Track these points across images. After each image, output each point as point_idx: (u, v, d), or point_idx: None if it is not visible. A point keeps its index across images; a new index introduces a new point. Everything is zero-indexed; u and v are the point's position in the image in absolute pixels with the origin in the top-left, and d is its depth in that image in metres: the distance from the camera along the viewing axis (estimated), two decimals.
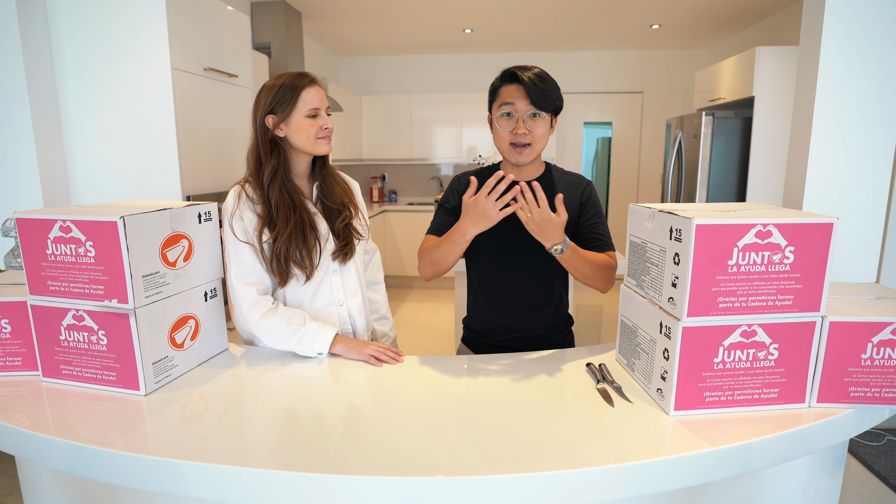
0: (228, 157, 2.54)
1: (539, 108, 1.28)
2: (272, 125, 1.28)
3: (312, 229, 1.32)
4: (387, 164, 5.81)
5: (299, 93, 1.27)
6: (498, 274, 1.41)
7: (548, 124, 1.31)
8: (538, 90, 1.27)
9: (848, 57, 1.45)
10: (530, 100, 1.27)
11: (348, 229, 1.38)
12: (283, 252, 1.27)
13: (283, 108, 1.27)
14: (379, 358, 1.24)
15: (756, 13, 4.03)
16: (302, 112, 1.27)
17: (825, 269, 0.94)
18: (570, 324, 1.51)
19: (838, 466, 1.26)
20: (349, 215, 1.39)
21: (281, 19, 3.64)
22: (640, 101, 5.57)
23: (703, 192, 3.52)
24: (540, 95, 1.27)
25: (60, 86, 2.11)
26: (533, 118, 1.29)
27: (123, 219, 1.00)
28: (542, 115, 1.29)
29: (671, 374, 0.97)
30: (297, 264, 1.30)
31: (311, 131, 1.28)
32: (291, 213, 1.28)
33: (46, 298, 1.08)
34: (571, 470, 0.82)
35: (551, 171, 1.42)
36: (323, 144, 1.31)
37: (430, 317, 4.47)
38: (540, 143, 1.31)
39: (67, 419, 0.98)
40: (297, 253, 1.29)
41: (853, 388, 0.99)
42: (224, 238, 1.29)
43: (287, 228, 1.27)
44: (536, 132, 1.30)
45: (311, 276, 1.32)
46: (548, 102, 1.28)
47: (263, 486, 0.83)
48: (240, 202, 1.29)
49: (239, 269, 1.28)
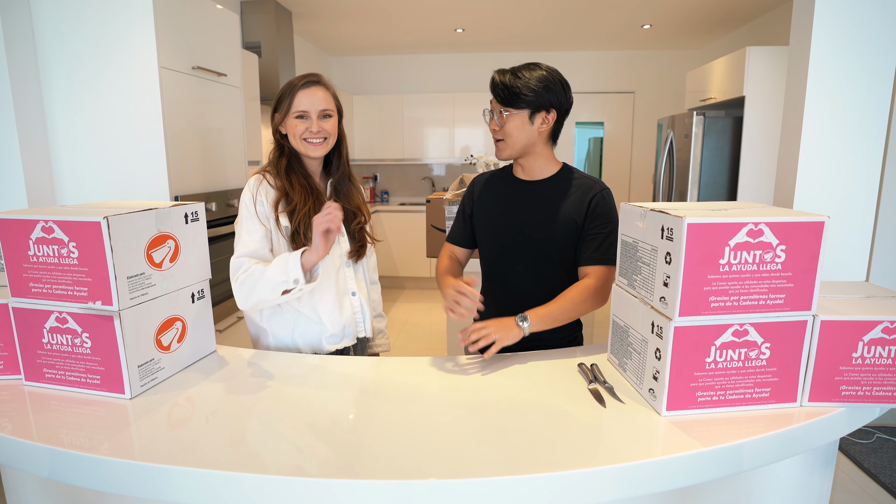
0: (218, 157, 2.52)
1: (505, 105, 1.29)
2: (276, 122, 1.35)
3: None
4: (378, 165, 5.79)
5: (292, 93, 1.31)
6: (502, 277, 1.41)
7: (520, 120, 1.30)
8: (503, 88, 1.28)
9: (838, 56, 1.46)
10: (497, 98, 1.31)
11: (363, 232, 1.44)
12: (303, 228, 1.30)
13: (280, 107, 1.33)
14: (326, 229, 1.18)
15: (746, 14, 4.06)
16: (291, 113, 1.32)
17: (816, 267, 0.94)
18: (579, 328, 1.47)
19: (829, 464, 1.26)
20: (364, 220, 1.44)
21: (271, 18, 3.61)
22: (632, 101, 5.59)
23: (695, 191, 3.53)
24: (504, 94, 1.28)
25: (45, 84, 2.08)
26: (502, 115, 1.31)
27: (107, 219, 0.98)
28: (511, 112, 1.29)
29: (663, 374, 0.97)
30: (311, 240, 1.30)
31: (296, 132, 1.32)
32: (309, 194, 1.33)
33: (28, 300, 1.06)
34: (563, 472, 0.81)
35: (564, 172, 1.38)
36: (309, 147, 1.33)
37: (423, 317, 4.45)
38: (511, 138, 1.31)
39: (50, 424, 0.96)
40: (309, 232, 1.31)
41: (844, 387, 0.99)
42: (238, 218, 1.33)
43: (305, 205, 1.30)
44: (506, 128, 1.31)
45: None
46: (514, 100, 1.28)
47: (252, 490, 0.81)
48: (261, 186, 1.33)
49: (244, 249, 1.29)
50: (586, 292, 1.28)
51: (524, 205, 1.37)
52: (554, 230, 1.33)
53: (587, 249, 1.32)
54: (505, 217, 1.39)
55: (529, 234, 1.35)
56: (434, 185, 5.87)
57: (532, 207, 1.36)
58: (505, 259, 1.39)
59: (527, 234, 1.35)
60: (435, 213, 3.01)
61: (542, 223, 1.34)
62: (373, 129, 5.51)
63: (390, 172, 5.91)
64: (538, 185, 1.37)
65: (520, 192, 1.38)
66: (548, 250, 1.34)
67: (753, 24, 4.26)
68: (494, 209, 1.41)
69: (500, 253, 1.39)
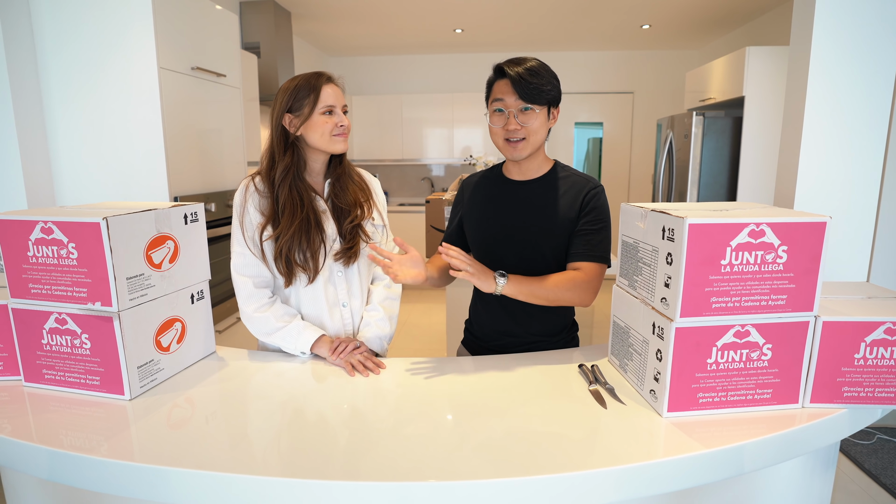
0: (217, 157, 2.51)
1: (529, 102, 1.23)
2: (289, 124, 1.29)
3: (318, 230, 1.31)
4: (378, 165, 5.79)
5: (316, 91, 1.27)
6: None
7: (543, 116, 1.26)
8: (526, 84, 1.22)
9: (838, 56, 1.46)
10: (518, 95, 1.23)
11: (356, 231, 1.36)
12: (286, 252, 1.27)
13: (300, 106, 1.28)
14: (356, 367, 1.21)
15: (746, 13, 4.06)
16: (318, 110, 1.27)
17: (818, 268, 0.94)
18: (575, 329, 1.46)
19: (830, 466, 1.26)
20: (360, 216, 1.36)
21: (270, 19, 3.61)
22: (631, 102, 5.59)
23: (694, 191, 3.53)
24: (528, 89, 1.22)
25: (44, 84, 2.08)
26: (524, 112, 1.24)
27: (107, 220, 0.98)
28: (533, 109, 1.24)
29: (664, 376, 0.96)
30: (300, 266, 1.29)
31: (325, 128, 1.28)
32: (298, 212, 1.29)
33: (28, 301, 1.06)
34: (564, 474, 0.81)
35: (556, 170, 1.35)
36: (338, 142, 1.30)
37: (422, 318, 4.45)
38: (535, 136, 1.26)
39: (50, 425, 0.96)
40: (299, 254, 1.28)
41: (846, 388, 0.99)
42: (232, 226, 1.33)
43: (290, 228, 1.27)
44: (530, 126, 1.25)
45: (314, 278, 1.31)
46: (539, 95, 1.23)
47: (252, 492, 0.81)
48: (247, 194, 1.31)
49: (239, 260, 1.30)
50: (571, 281, 1.25)
51: (517, 206, 1.34)
52: (548, 230, 1.31)
53: (578, 245, 1.29)
54: (497, 220, 1.35)
55: (523, 235, 1.32)
56: (433, 186, 5.87)
57: (525, 209, 1.33)
58: (499, 261, 1.36)
59: (520, 236, 1.32)
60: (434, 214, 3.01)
61: (536, 224, 1.31)
62: (372, 129, 5.51)
63: (389, 173, 5.91)
64: (531, 185, 1.34)
65: (512, 194, 1.35)
66: (542, 251, 1.31)
67: (753, 24, 4.26)
68: (486, 212, 1.38)
69: (493, 255, 1.36)
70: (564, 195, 1.31)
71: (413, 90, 5.68)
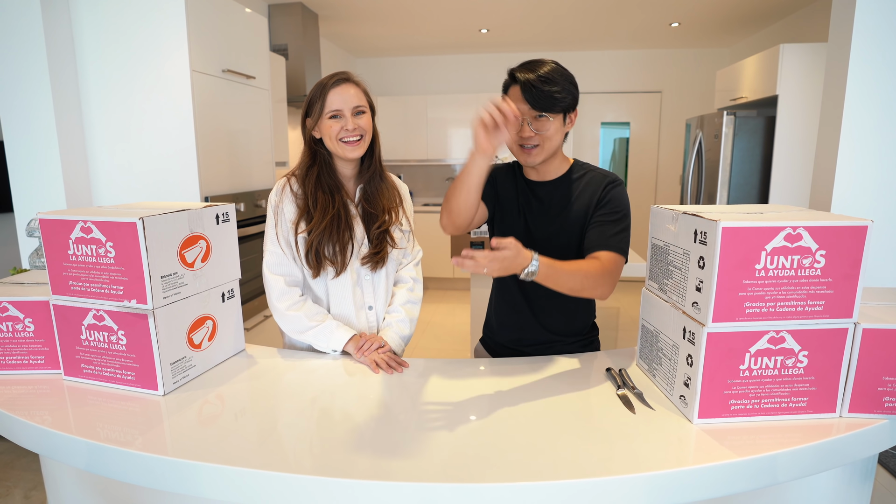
0: (246, 159, 2.56)
1: (541, 111, 1.20)
2: (309, 127, 1.31)
3: (348, 228, 1.33)
4: (402, 165, 5.81)
5: (323, 95, 1.27)
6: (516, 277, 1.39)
7: (557, 123, 1.23)
8: (538, 92, 1.18)
9: (880, 53, 1.40)
10: (530, 104, 1.20)
11: (383, 237, 1.36)
12: (316, 245, 1.29)
13: (312, 110, 1.29)
14: (380, 365, 1.23)
15: (779, 10, 3.95)
16: (325, 114, 1.27)
17: (858, 273, 0.91)
18: (595, 332, 1.44)
19: (868, 478, 1.22)
20: (388, 221, 1.36)
21: (298, 21, 3.66)
22: (659, 101, 5.49)
23: (724, 193, 3.45)
24: (540, 98, 1.19)
25: (83, 88, 2.15)
26: (538, 119, 1.22)
27: (143, 220, 1.01)
28: (547, 117, 1.21)
29: (695, 381, 0.94)
30: (328, 259, 1.31)
31: (332, 133, 1.28)
32: (329, 208, 1.31)
33: (68, 298, 1.09)
34: (591, 479, 0.80)
35: (573, 170, 1.33)
36: (345, 148, 1.28)
37: (446, 318, 4.45)
38: (549, 142, 1.24)
39: (88, 418, 0.99)
40: (329, 248, 1.30)
41: (888, 399, 0.95)
42: (266, 222, 1.35)
43: (322, 222, 1.29)
44: (544, 133, 1.23)
45: (342, 271, 1.33)
46: (551, 104, 1.20)
47: (276, 488, 0.82)
48: (283, 194, 1.33)
49: (271, 259, 1.32)
50: (596, 270, 1.18)
51: (538, 208, 1.33)
52: (568, 228, 1.30)
53: (594, 235, 1.25)
54: (518, 221, 1.35)
55: (544, 234, 1.32)
56: None
57: (546, 210, 1.32)
58: None
59: (541, 236, 1.32)
60: None
61: (557, 223, 1.31)
62: (397, 129, 5.53)
63: (414, 173, 5.93)
64: (551, 186, 1.33)
65: (532, 195, 1.34)
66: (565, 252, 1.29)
67: (785, 21, 4.14)
68: (511, 210, 1.36)
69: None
70: (584, 192, 1.30)
71: (438, 90, 5.69)
